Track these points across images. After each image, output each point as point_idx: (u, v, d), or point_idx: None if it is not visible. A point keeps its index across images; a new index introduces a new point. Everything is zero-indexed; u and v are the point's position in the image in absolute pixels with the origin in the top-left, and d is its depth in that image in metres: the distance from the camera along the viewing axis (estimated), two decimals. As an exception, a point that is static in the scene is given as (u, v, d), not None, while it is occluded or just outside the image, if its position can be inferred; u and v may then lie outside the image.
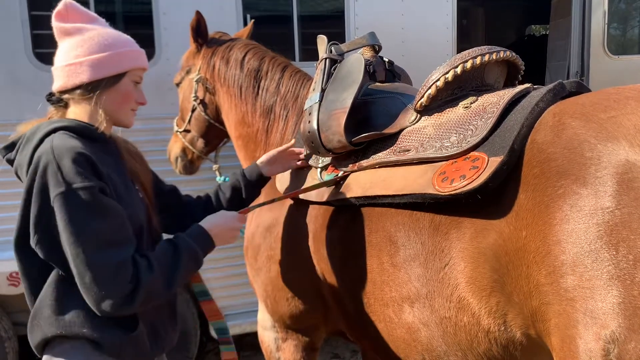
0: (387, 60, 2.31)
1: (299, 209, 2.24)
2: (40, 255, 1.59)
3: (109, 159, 1.69)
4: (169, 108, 3.81)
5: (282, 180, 2.33)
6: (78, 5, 1.71)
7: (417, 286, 1.73)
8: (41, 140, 1.61)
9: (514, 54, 1.96)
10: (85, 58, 1.64)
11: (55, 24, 1.69)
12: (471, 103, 1.79)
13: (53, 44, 3.84)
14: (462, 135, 1.72)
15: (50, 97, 1.75)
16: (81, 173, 1.53)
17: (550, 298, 1.39)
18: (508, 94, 1.74)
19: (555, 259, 1.37)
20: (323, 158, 2.19)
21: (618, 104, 1.44)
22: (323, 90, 2.12)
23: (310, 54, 4.22)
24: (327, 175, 2.11)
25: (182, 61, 3.12)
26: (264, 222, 2.39)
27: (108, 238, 1.55)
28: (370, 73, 2.21)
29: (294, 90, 2.59)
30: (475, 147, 1.67)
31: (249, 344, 4.53)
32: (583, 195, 1.34)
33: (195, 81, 2.90)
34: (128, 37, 1.74)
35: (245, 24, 3.95)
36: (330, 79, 2.14)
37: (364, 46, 2.29)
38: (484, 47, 1.90)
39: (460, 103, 1.83)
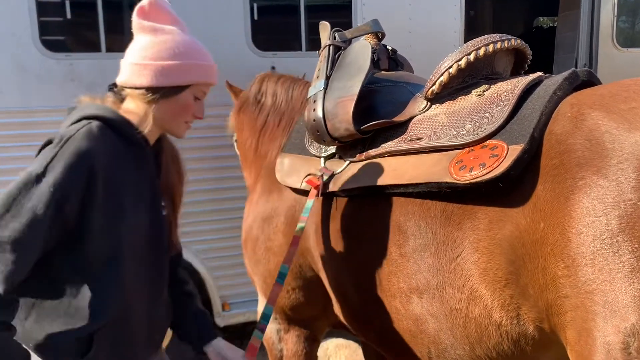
0: (390, 48, 2.28)
1: (299, 200, 2.20)
2: None
3: (135, 164, 1.64)
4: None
5: (282, 171, 2.28)
6: (163, 4, 1.66)
7: (427, 277, 1.70)
8: (79, 119, 1.57)
9: (523, 42, 1.94)
10: (151, 62, 1.60)
11: (134, 17, 1.65)
12: (484, 91, 1.77)
13: (59, 31, 3.83)
14: (477, 124, 1.70)
15: (113, 87, 1.71)
16: (62, 178, 1.46)
17: (567, 291, 1.37)
18: (523, 81, 1.71)
19: (574, 251, 1.35)
20: (327, 147, 2.16)
21: (638, 94, 1.42)
22: (328, 78, 2.07)
23: (317, 44, 4.19)
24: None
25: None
26: (261, 213, 2.35)
27: (13, 239, 1.43)
28: (374, 61, 2.18)
29: (286, 95, 2.55)
30: (492, 135, 1.65)
31: (251, 333, 4.53)
32: (604, 187, 1.32)
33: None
34: (202, 48, 1.68)
35: (252, 13, 3.93)
36: (335, 66, 2.10)
37: (368, 33, 2.25)
38: (495, 34, 1.88)
39: (473, 91, 1.81)
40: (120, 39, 3.91)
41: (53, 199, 1.45)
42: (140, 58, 1.61)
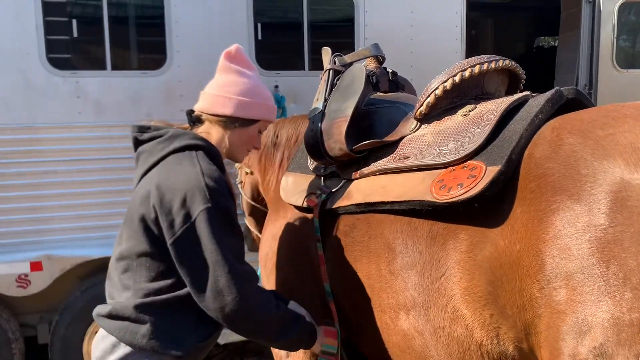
0: (390, 71, 2.34)
1: (301, 217, 2.27)
2: (173, 252, 1.74)
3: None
4: (178, 115, 3.86)
5: (287, 190, 2.36)
6: (243, 51, 2.02)
7: (414, 294, 1.74)
8: (182, 148, 1.85)
9: (513, 62, 1.98)
10: (234, 96, 1.91)
11: (222, 59, 1.98)
12: (469, 111, 1.81)
13: (66, 49, 3.91)
14: (459, 143, 1.74)
15: (190, 113, 1.99)
16: (223, 194, 1.77)
17: (542, 311, 1.40)
18: (505, 101, 1.75)
19: (549, 273, 1.38)
20: (326, 166, 2.22)
21: (616, 121, 1.44)
22: (326, 100, 2.17)
23: (320, 64, 4.25)
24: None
25: None
26: (272, 231, 2.44)
27: (240, 252, 1.81)
28: (373, 83, 2.24)
29: (296, 130, 2.69)
30: (472, 155, 1.69)
31: (252, 350, 4.55)
32: (577, 212, 1.36)
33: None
34: (269, 92, 2.04)
35: (256, 33, 4.00)
36: (333, 89, 2.19)
37: (368, 57, 2.32)
38: (483, 56, 1.92)
39: (459, 111, 1.85)
40: (125, 57, 4.00)
41: (234, 211, 1.81)
42: (225, 92, 1.92)
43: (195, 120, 1.98)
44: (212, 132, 1.95)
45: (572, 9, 4.93)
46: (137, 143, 1.95)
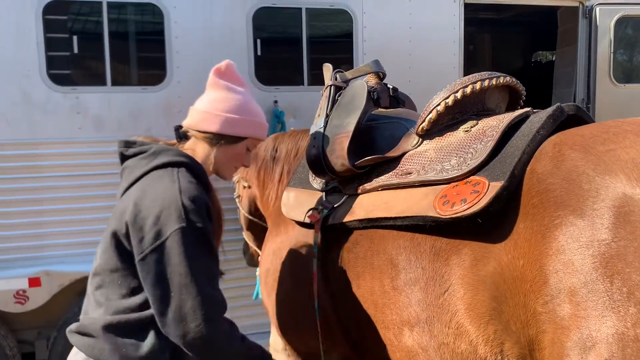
0: (391, 87, 2.36)
1: (302, 232, 2.27)
2: (140, 270, 1.68)
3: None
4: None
5: (288, 205, 2.36)
6: (234, 68, 1.97)
7: (417, 310, 1.74)
8: (165, 165, 1.80)
9: (514, 79, 2.00)
10: (220, 113, 1.87)
11: (211, 75, 1.94)
12: (471, 127, 1.82)
13: (66, 65, 3.92)
14: (462, 159, 1.75)
15: (178, 129, 1.97)
16: (200, 214, 1.70)
17: (546, 326, 1.40)
18: (507, 117, 1.77)
19: (552, 288, 1.38)
20: (328, 182, 2.22)
21: (617, 137, 1.46)
22: (327, 116, 2.18)
23: (319, 79, 4.28)
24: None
25: None
26: (272, 246, 2.44)
27: (213, 276, 1.73)
28: (374, 99, 2.26)
29: (295, 145, 2.71)
30: (475, 171, 1.70)
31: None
32: (580, 227, 1.36)
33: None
34: (260, 109, 1.98)
35: (255, 47, 4.02)
36: (335, 105, 2.20)
37: (369, 73, 2.33)
38: (484, 72, 1.94)
39: (461, 127, 1.86)
40: (125, 72, 4.01)
41: (209, 232, 1.73)
42: (213, 109, 1.88)
43: (182, 136, 1.95)
44: (197, 149, 1.91)
45: (569, 24, 4.97)
46: (123, 158, 1.91)
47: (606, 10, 4.63)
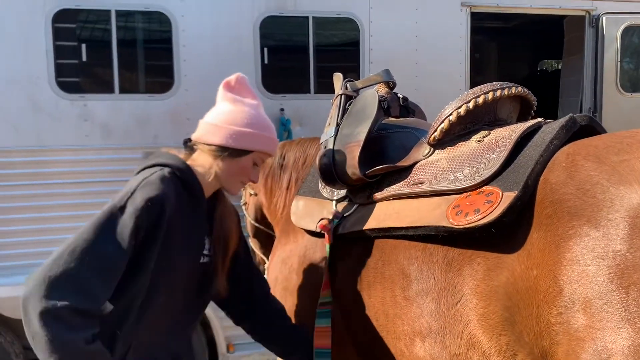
0: (401, 96, 2.36)
1: (312, 241, 2.26)
2: None
3: (192, 212, 1.82)
4: (184, 138, 3.88)
5: (297, 214, 2.36)
6: (246, 81, 1.94)
7: (429, 321, 1.73)
8: (152, 165, 1.80)
9: (525, 89, 1.99)
10: (225, 125, 1.84)
11: (220, 89, 1.91)
12: (484, 137, 1.82)
13: (74, 73, 3.94)
14: (474, 169, 1.75)
15: (188, 140, 1.95)
16: (140, 207, 1.64)
17: (560, 338, 1.39)
18: (520, 128, 1.76)
19: (566, 299, 1.37)
20: (338, 191, 2.22)
21: (631, 147, 1.45)
22: (338, 125, 2.18)
23: (325, 87, 4.29)
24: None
25: None
26: (280, 254, 2.43)
27: (103, 267, 1.57)
28: (384, 109, 2.26)
29: (303, 153, 2.70)
30: (488, 181, 1.69)
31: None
32: (594, 237, 1.35)
33: None
34: (270, 123, 1.94)
35: (262, 55, 4.04)
36: (345, 114, 2.20)
37: (379, 83, 2.34)
38: (496, 82, 1.94)
39: (473, 137, 1.86)
40: (133, 80, 4.02)
41: (134, 227, 1.63)
42: (218, 120, 1.85)
43: (189, 148, 1.92)
44: (198, 159, 1.88)
45: (575, 33, 4.98)
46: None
47: (613, 19, 4.63)
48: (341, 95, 2.26)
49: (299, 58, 4.21)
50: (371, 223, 1.96)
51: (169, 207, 1.70)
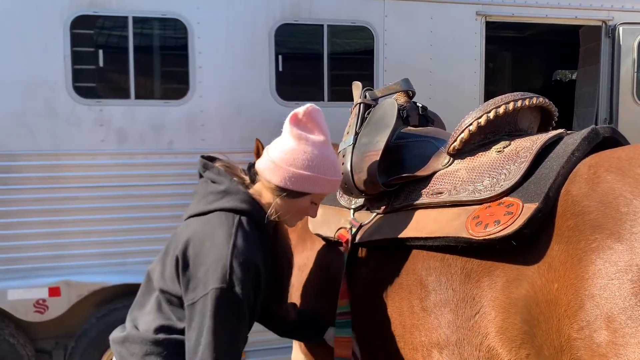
0: (420, 105, 2.35)
1: (329, 249, 2.26)
2: (186, 312, 1.73)
3: (265, 245, 1.88)
4: (199, 144, 3.90)
5: (315, 221, 2.35)
6: (316, 114, 1.85)
7: (447, 332, 1.71)
8: (229, 209, 1.80)
9: (547, 100, 1.98)
10: (286, 166, 1.81)
11: (287, 120, 1.84)
12: (504, 147, 1.81)
13: (91, 78, 3.97)
14: (495, 179, 1.73)
15: (252, 166, 1.95)
16: (243, 279, 1.70)
17: (581, 353, 1.37)
18: (541, 139, 1.74)
19: (588, 313, 1.35)
20: (356, 199, 2.21)
21: None
22: (357, 134, 2.17)
23: (339, 95, 4.30)
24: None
25: None
26: (298, 261, 2.42)
27: (235, 341, 1.73)
28: (403, 118, 2.25)
29: None
30: (508, 192, 1.67)
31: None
32: (618, 251, 1.33)
33: None
34: (334, 163, 1.88)
35: (277, 63, 4.05)
36: (364, 123, 2.19)
37: (398, 92, 2.33)
38: (517, 93, 1.92)
39: (493, 147, 1.84)
40: (148, 86, 4.05)
41: (247, 299, 1.72)
42: (279, 160, 1.82)
43: (253, 176, 1.92)
44: (262, 193, 1.88)
45: (591, 44, 4.95)
46: (200, 175, 1.97)
47: (629, 29, 4.60)
48: (360, 103, 2.26)
49: (313, 66, 4.22)
50: (389, 233, 1.94)
51: (260, 262, 1.77)
